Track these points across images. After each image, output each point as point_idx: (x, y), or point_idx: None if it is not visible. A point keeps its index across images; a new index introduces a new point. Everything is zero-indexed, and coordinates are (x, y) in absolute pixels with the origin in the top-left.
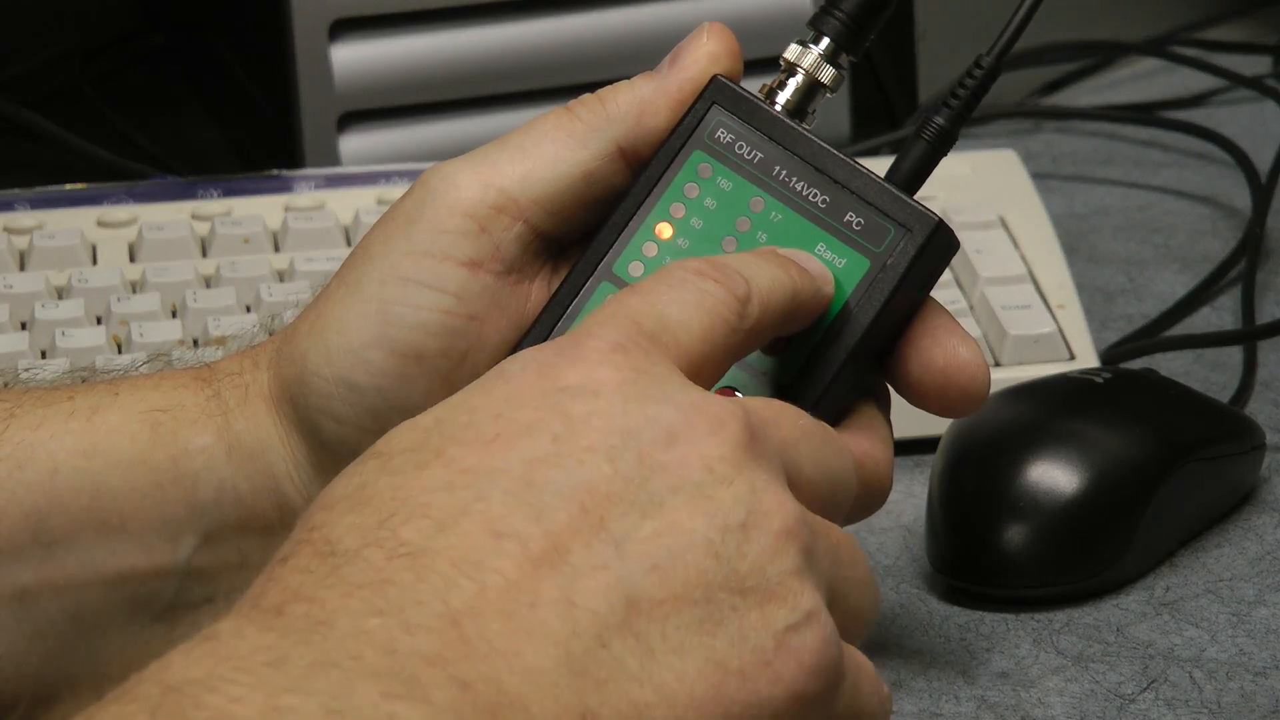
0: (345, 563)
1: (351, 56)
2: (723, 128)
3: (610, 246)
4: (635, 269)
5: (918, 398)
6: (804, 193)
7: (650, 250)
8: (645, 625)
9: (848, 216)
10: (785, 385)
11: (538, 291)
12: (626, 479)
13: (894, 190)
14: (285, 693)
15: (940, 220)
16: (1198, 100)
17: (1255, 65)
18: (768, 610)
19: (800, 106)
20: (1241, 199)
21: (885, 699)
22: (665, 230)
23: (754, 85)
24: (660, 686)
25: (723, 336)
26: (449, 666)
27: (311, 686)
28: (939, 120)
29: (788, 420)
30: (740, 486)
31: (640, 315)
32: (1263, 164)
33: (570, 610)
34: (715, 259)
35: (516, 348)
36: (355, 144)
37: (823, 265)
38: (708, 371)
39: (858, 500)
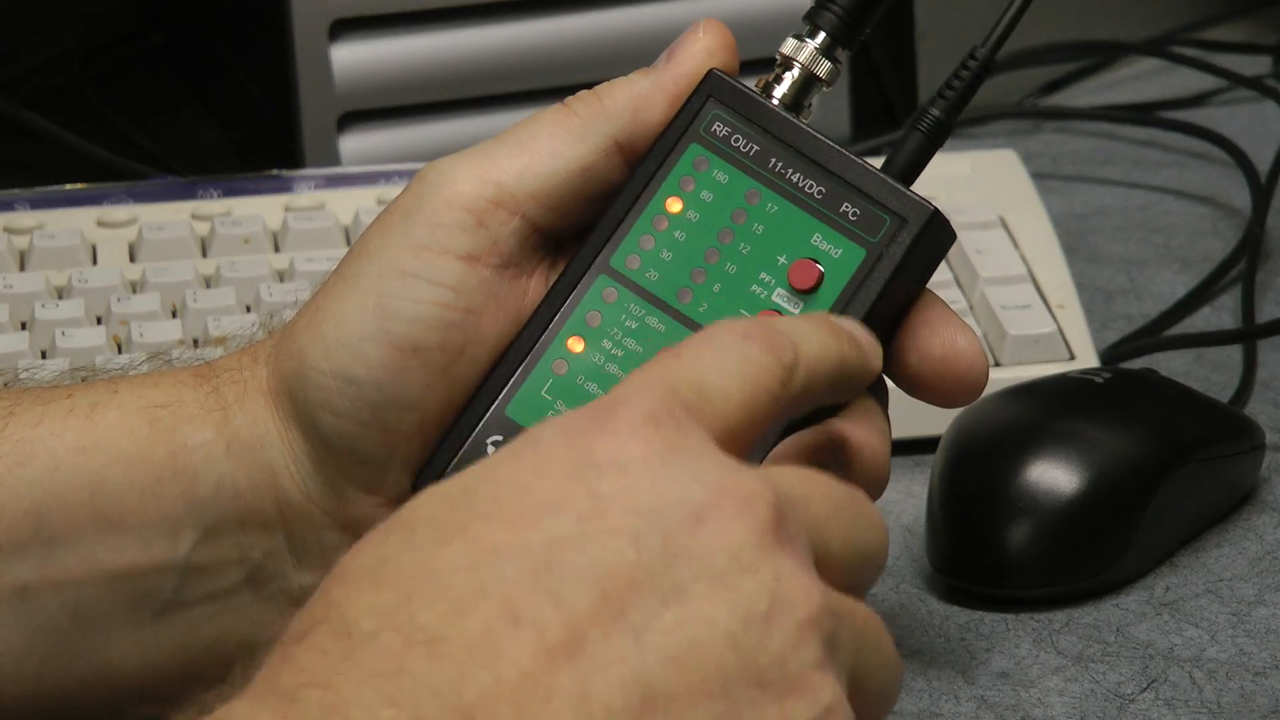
0: (361, 646)
1: (351, 56)
2: (719, 121)
3: (608, 241)
4: (633, 263)
5: (916, 388)
6: (800, 184)
7: (647, 243)
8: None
9: (843, 207)
10: None
11: (535, 286)
12: (650, 565)
13: (889, 180)
14: None
15: (936, 210)
16: (1198, 100)
17: (1255, 65)
18: (786, 704)
19: (796, 100)
20: (1241, 199)
21: None
22: (662, 223)
23: (751, 82)
24: None
25: (764, 405)
26: None
27: None
28: (934, 112)
29: (818, 495)
30: (765, 574)
31: (679, 383)
32: (1263, 164)
33: (585, 705)
34: (766, 322)
35: (515, 342)
36: (355, 144)
37: (873, 339)
38: (746, 439)
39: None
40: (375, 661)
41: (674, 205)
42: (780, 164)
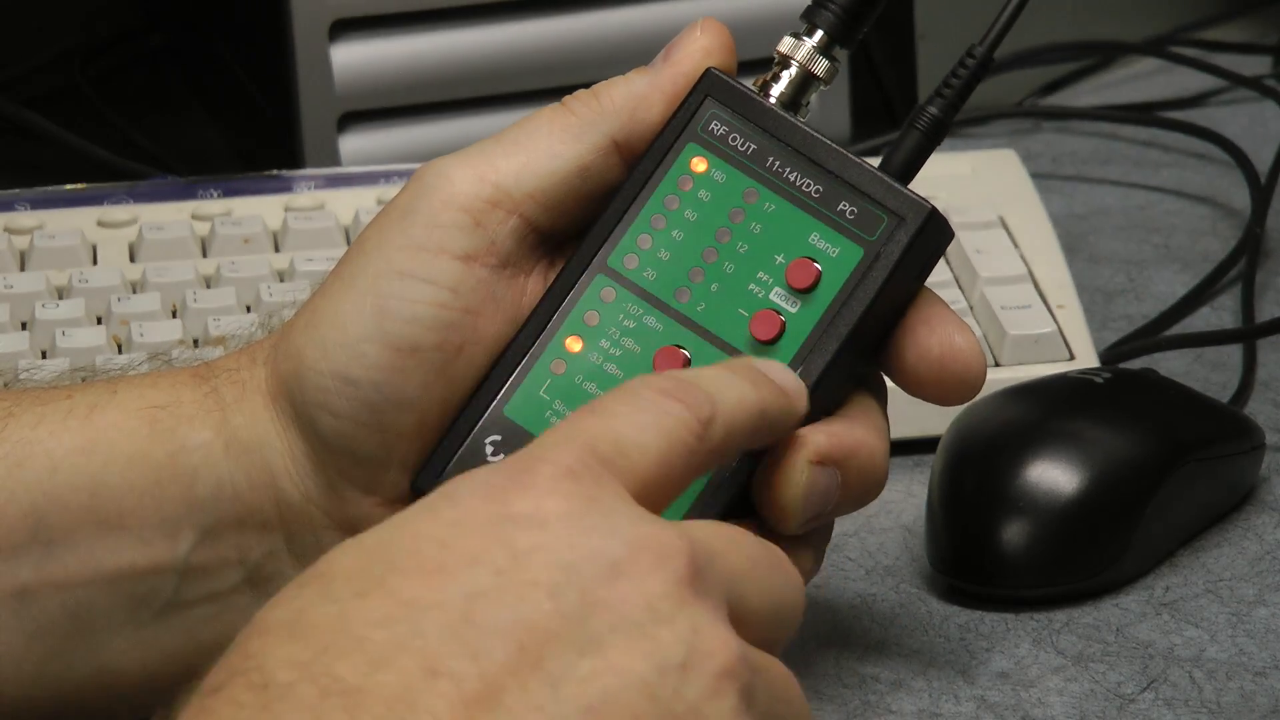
0: (278, 699)
1: (351, 56)
2: (716, 120)
3: (605, 240)
4: (631, 262)
5: (914, 386)
6: (797, 183)
7: (645, 243)
8: None
9: (841, 205)
10: None
11: (533, 285)
12: (566, 616)
13: (887, 179)
14: None
15: (933, 208)
16: (1198, 100)
17: (1255, 65)
18: None
19: (794, 99)
20: (1241, 199)
21: None
22: (660, 223)
23: (749, 82)
24: None
25: (681, 459)
26: None
27: None
28: (932, 110)
29: (735, 550)
30: (681, 626)
31: (596, 439)
32: (1262, 164)
33: None
34: (682, 376)
35: (513, 342)
36: (355, 144)
37: (798, 381)
38: (664, 493)
39: (856, 492)
40: (292, 714)
41: (672, 204)
42: (778, 163)
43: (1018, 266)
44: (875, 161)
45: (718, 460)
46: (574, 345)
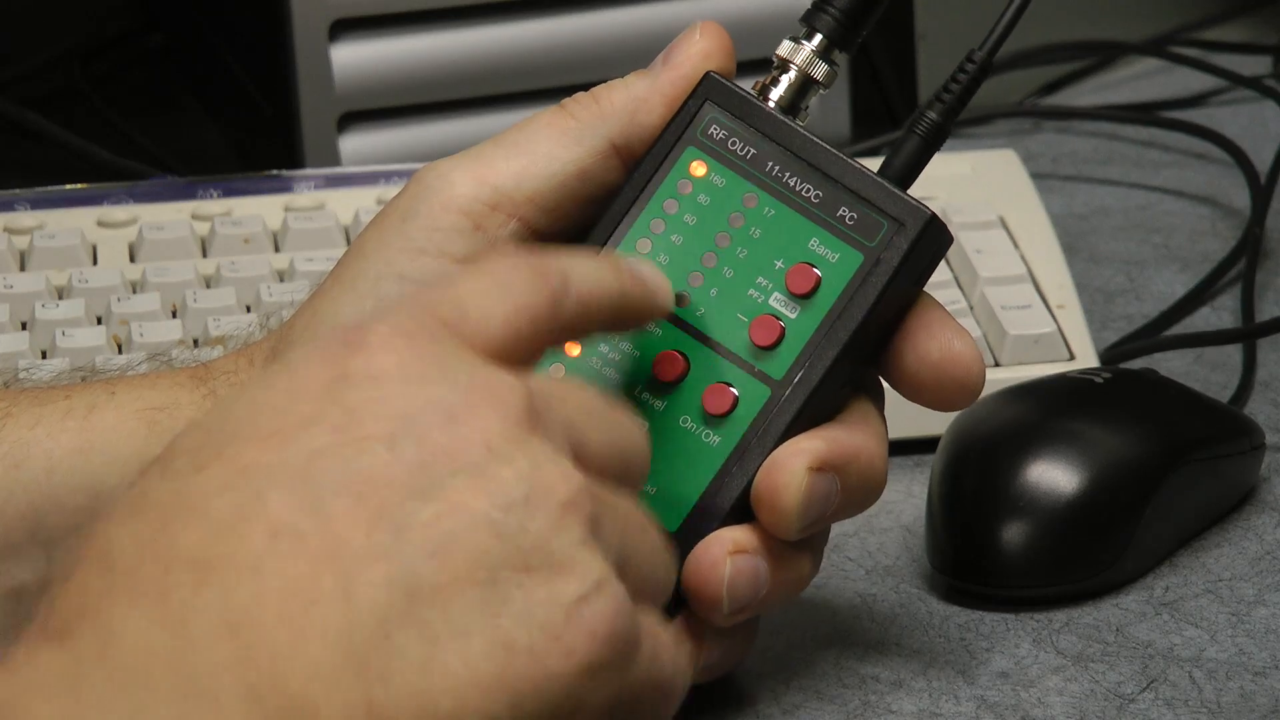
0: (125, 576)
1: (351, 56)
2: (716, 124)
3: (604, 243)
4: None
5: (914, 391)
6: (797, 188)
7: (644, 247)
8: (428, 612)
9: (841, 211)
10: (778, 381)
11: None
12: (405, 464)
13: (887, 185)
14: (85, 717)
15: (933, 214)
16: (1198, 100)
17: (1255, 65)
18: (555, 584)
19: (794, 103)
20: (1241, 199)
21: (683, 669)
22: (659, 226)
23: (748, 85)
24: (445, 673)
25: (528, 325)
26: (236, 674)
27: (110, 707)
28: (932, 115)
29: (572, 395)
30: (521, 463)
31: (437, 303)
32: (1262, 164)
33: (349, 605)
34: (538, 254)
35: None
36: (355, 144)
37: (664, 278)
38: (512, 360)
39: (855, 497)
40: (141, 587)
41: (671, 208)
42: (777, 168)
43: (1018, 266)
44: (875, 165)
45: (572, 332)
46: (572, 349)
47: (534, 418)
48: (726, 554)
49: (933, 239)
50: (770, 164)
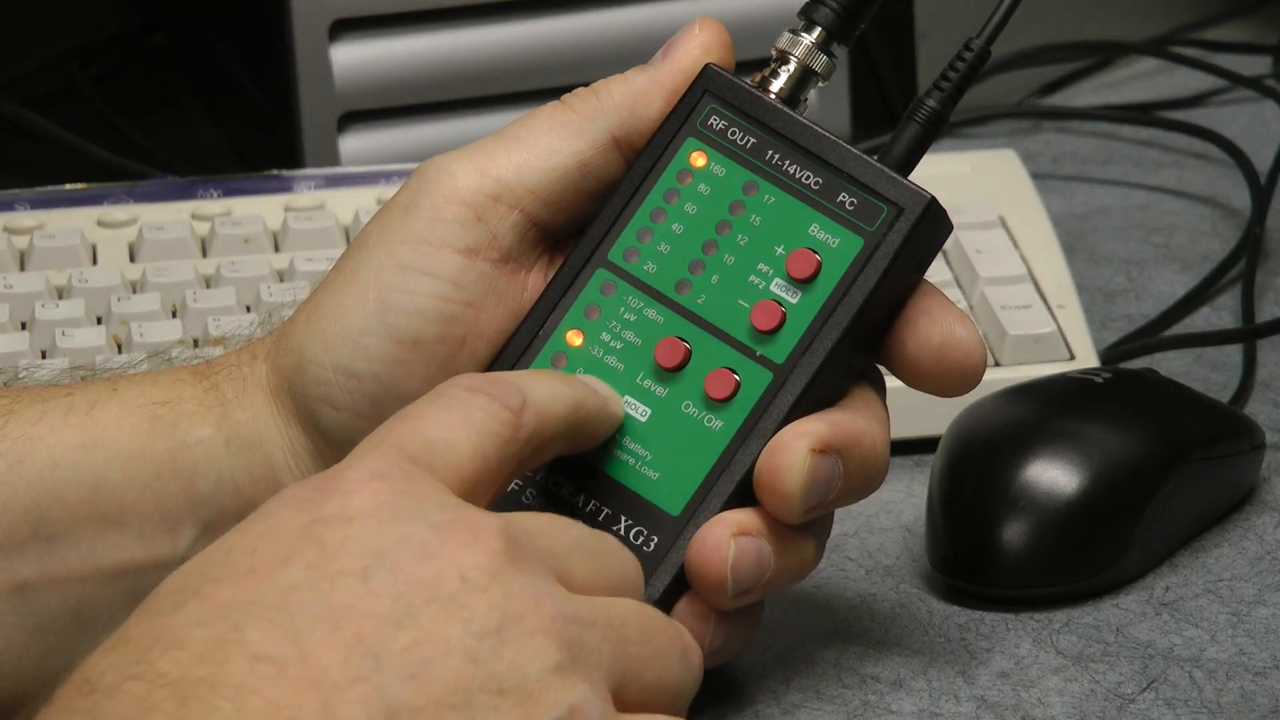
0: (106, 697)
1: (351, 56)
2: (715, 115)
3: (606, 234)
4: (631, 256)
5: (915, 377)
6: (797, 175)
7: (645, 237)
8: None
9: (840, 197)
10: (780, 365)
11: (534, 280)
12: (380, 596)
13: (886, 170)
14: None
15: (932, 198)
16: (1198, 100)
17: (1255, 65)
18: (529, 709)
19: (793, 95)
20: (1241, 199)
21: None
22: (660, 217)
23: (747, 79)
24: None
25: (495, 450)
26: None
27: None
28: (930, 103)
29: (556, 530)
30: (495, 592)
31: (404, 440)
32: (1262, 164)
33: None
34: (490, 374)
35: (514, 335)
36: (355, 144)
37: (609, 387)
38: (485, 487)
39: (857, 482)
40: (122, 707)
41: (672, 198)
42: (777, 156)
43: (1018, 266)
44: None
45: (536, 450)
46: (575, 339)
47: (511, 551)
48: (730, 536)
49: (933, 223)
50: (770, 152)
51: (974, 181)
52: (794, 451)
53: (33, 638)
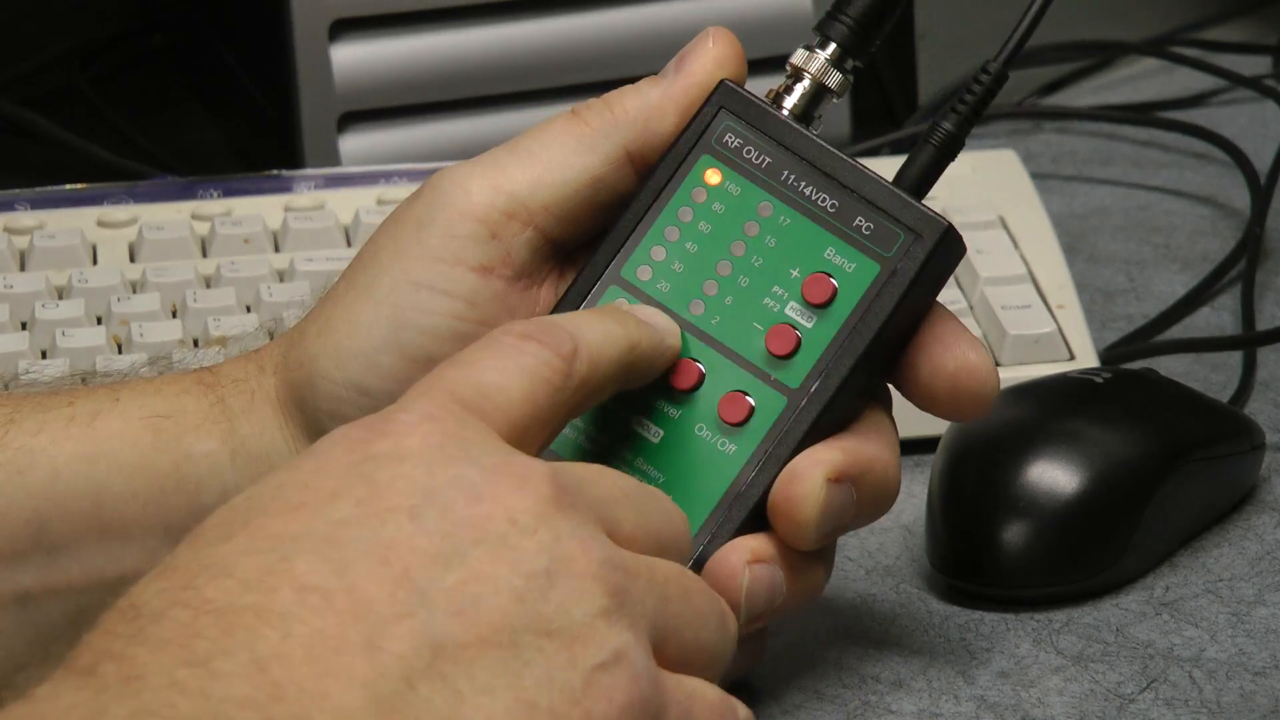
0: (151, 622)
1: (351, 56)
2: (730, 132)
3: (619, 251)
4: (644, 273)
5: (928, 403)
6: (813, 197)
7: (659, 254)
8: (452, 668)
9: (857, 221)
10: (795, 391)
11: (546, 295)
12: (429, 534)
13: (902, 195)
14: None
15: (949, 225)
16: (1198, 100)
17: (1255, 65)
18: (575, 651)
19: (807, 111)
20: (1241, 199)
21: None
22: (674, 234)
23: (754, 85)
24: None
25: (546, 396)
26: (261, 709)
27: None
28: (946, 125)
29: (605, 480)
30: (544, 535)
31: (456, 385)
32: (1262, 164)
33: (376, 654)
34: (542, 320)
35: None
36: (355, 144)
37: (668, 320)
38: (535, 432)
39: (870, 508)
40: (167, 632)
41: (685, 216)
42: (793, 176)
43: (1018, 266)
44: (876, 164)
45: (591, 394)
46: None
47: (559, 497)
48: (745, 563)
49: (949, 250)
50: (785, 173)
51: (974, 182)
52: (810, 480)
53: (34, 647)
